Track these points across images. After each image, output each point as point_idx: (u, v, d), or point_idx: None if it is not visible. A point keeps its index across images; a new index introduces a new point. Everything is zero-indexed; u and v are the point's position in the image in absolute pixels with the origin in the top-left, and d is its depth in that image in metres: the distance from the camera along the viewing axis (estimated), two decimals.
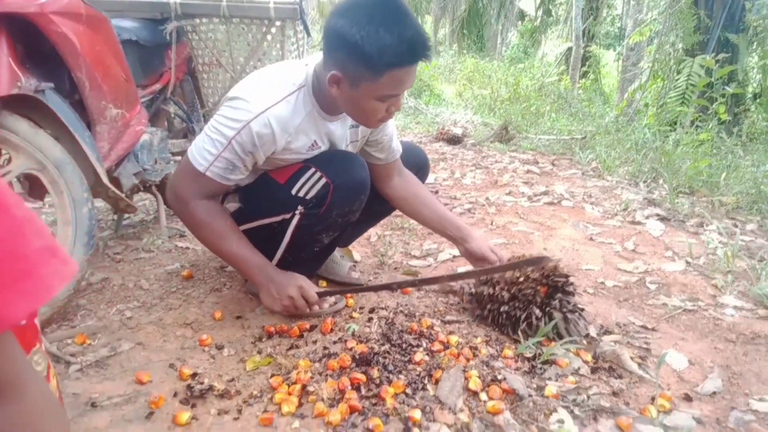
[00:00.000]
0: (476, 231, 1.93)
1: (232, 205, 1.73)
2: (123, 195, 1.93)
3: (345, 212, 1.64)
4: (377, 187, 1.87)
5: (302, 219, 1.61)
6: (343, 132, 1.67)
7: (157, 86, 2.44)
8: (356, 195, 1.64)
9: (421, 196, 1.93)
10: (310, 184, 1.57)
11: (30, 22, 1.54)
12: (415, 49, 1.35)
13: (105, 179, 1.78)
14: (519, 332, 1.62)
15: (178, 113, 2.69)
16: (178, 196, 1.55)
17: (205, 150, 1.49)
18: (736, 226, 2.92)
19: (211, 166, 1.49)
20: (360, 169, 1.63)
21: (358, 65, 1.36)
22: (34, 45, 1.62)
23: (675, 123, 4.99)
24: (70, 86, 1.76)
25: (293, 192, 1.58)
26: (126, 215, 2.70)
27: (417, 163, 2.03)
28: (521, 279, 1.66)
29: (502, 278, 1.70)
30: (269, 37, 2.40)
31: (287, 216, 1.63)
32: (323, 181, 1.56)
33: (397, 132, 1.87)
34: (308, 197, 1.58)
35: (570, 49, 12.53)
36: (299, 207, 1.60)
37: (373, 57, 1.33)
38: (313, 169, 1.58)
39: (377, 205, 1.91)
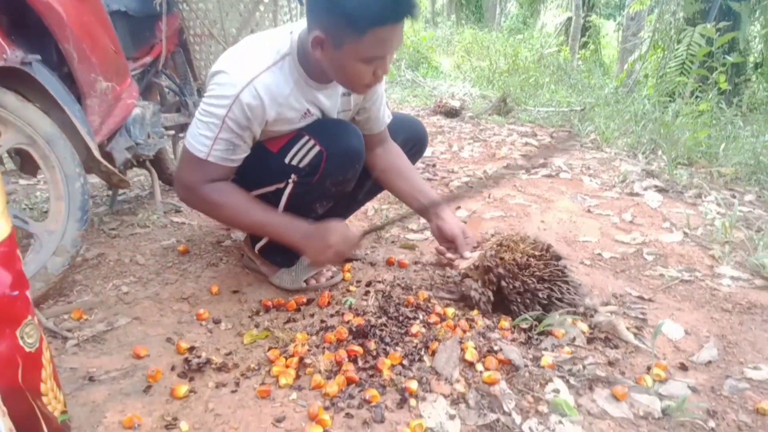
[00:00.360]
0: (449, 212, 1.83)
1: None
2: (116, 170, 1.91)
3: (339, 181, 1.62)
4: None
5: (296, 187, 1.59)
6: (333, 101, 1.62)
7: (148, 59, 2.39)
8: (350, 164, 1.61)
9: (400, 168, 1.85)
10: (304, 152, 1.54)
11: None
12: (399, 5, 1.28)
13: (97, 153, 1.76)
14: (518, 306, 1.61)
15: (171, 86, 2.65)
16: (185, 187, 1.50)
17: (201, 135, 1.44)
18: (734, 197, 2.91)
19: (211, 150, 1.44)
20: (354, 138, 1.60)
21: (339, 24, 1.30)
22: (20, 16, 1.58)
23: (675, 93, 4.93)
24: (58, 59, 1.72)
25: (286, 160, 1.55)
26: (120, 191, 2.69)
27: (414, 137, 2.00)
28: (531, 261, 1.63)
29: (513, 262, 1.62)
30: (261, 7, 2.34)
31: (281, 185, 1.60)
32: (317, 149, 1.53)
33: (386, 101, 1.83)
34: (301, 165, 1.56)
35: (570, 19, 12.34)
36: (292, 175, 1.57)
37: (354, 15, 1.27)
38: (306, 137, 1.54)
39: (373, 180, 1.90)
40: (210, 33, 2.43)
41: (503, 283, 1.61)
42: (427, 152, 3.92)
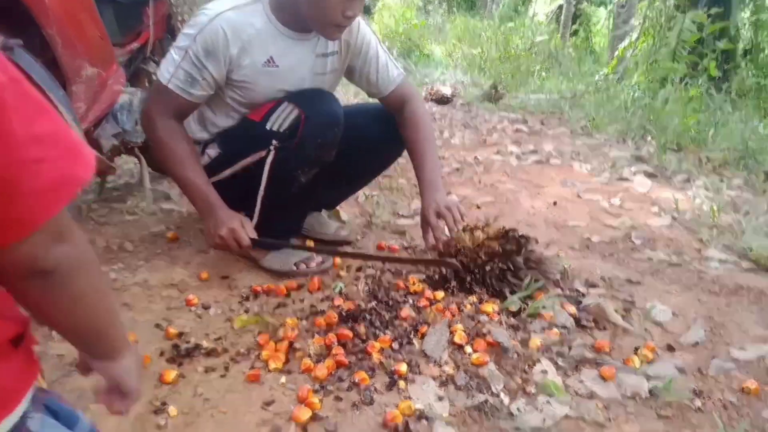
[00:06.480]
0: (432, 196, 1.75)
1: (213, 151, 1.74)
2: (103, 156, 1.89)
3: (318, 144, 1.63)
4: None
5: (277, 153, 1.63)
6: (307, 55, 1.67)
7: (135, 45, 2.35)
8: (328, 127, 1.63)
9: (411, 142, 1.83)
10: (284, 117, 1.61)
11: None
12: None
13: (83, 140, 1.73)
14: (504, 286, 1.62)
15: None
16: (146, 113, 1.61)
17: (167, 62, 1.56)
18: (722, 181, 2.93)
19: (172, 77, 1.54)
20: (332, 102, 1.65)
21: None
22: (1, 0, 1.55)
23: (665, 80, 4.94)
24: (41, 44, 1.69)
25: (268, 126, 1.62)
26: (110, 178, 2.66)
27: None
28: (485, 242, 1.66)
29: (464, 245, 1.67)
30: None
31: (263, 154, 1.64)
32: (296, 112, 1.60)
33: (391, 64, 1.81)
34: (281, 129, 1.61)
35: (561, 6, 12.29)
36: (273, 141, 1.62)
37: None
38: (286, 103, 1.62)
39: (368, 160, 1.89)
40: None
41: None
42: None
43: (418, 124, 1.83)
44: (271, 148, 1.62)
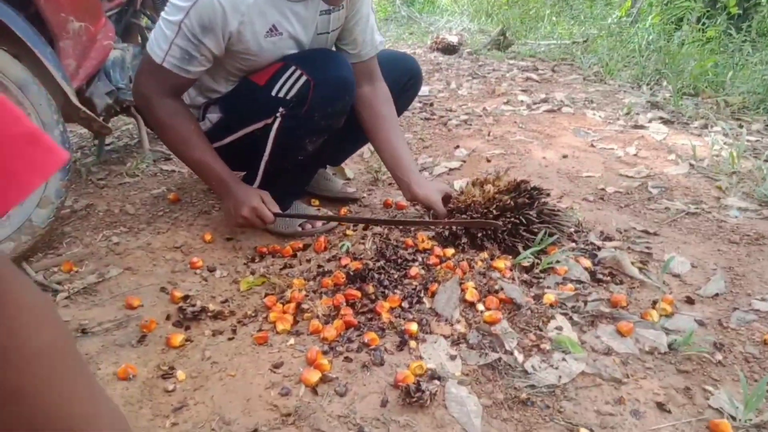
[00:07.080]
0: (425, 178, 1.73)
1: (214, 116, 1.65)
2: (96, 116, 1.82)
3: (328, 113, 1.55)
4: None
5: (284, 121, 1.54)
6: (310, 16, 1.53)
7: None
8: (339, 94, 1.54)
9: (384, 119, 1.73)
10: (291, 83, 1.49)
11: None
12: None
13: (74, 99, 1.66)
14: (516, 241, 1.57)
15: (151, 27, 2.51)
16: (140, 93, 1.51)
17: (159, 39, 1.42)
18: (741, 126, 2.82)
19: (166, 56, 1.42)
20: (343, 68, 1.53)
21: None
22: None
23: (681, 21, 4.72)
24: None
25: (273, 93, 1.51)
26: (108, 140, 2.60)
27: (410, 70, 1.90)
28: (496, 196, 1.58)
29: (474, 200, 1.60)
30: None
31: (269, 121, 1.55)
32: (304, 78, 1.48)
33: (376, 27, 1.72)
34: (289, 97, 1.50)
35: None
36: (280, 108, 1.52)
37: None
38: (293, 68, 1.50)
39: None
40: None
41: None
42: (425, 90, 3.79)
43: (390, 100, 1.76)
44: (278, 115, 1.53)
